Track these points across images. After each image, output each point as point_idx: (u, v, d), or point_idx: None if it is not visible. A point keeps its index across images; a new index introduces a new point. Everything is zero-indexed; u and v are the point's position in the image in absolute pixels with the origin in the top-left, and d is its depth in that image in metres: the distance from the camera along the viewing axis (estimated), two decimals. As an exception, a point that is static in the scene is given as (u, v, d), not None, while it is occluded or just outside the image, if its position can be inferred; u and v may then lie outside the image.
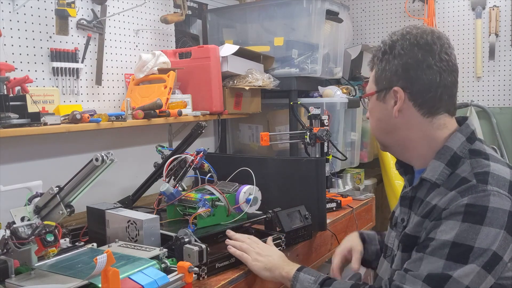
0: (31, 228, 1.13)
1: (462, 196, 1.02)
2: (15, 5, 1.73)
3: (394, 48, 1.13)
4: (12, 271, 1.12)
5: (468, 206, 1.00)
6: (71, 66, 1.91)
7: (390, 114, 1.16)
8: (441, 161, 1.11)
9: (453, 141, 1.13)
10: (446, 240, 1.00)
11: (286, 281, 1.25)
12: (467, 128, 1.15)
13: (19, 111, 1.52)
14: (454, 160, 1.10)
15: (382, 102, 1.17)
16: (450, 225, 1.01)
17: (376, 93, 1.18)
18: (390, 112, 1.16)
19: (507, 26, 3.12)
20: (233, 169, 1.67)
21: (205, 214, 1.45)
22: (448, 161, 1.11)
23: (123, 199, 1.76)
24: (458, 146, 1.12)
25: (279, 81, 2.42)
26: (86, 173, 1.20)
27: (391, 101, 1.15)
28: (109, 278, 0.95)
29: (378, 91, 1.18)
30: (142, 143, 2.28)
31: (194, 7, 2.72)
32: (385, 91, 1.16)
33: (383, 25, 3.50)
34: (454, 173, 1.08)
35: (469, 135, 1.14)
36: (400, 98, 1.13)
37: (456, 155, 1.11)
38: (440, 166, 1.11)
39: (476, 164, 1.07)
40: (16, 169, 1.75)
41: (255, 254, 1.33)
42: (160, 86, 2.07)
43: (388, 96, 1.16)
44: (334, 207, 1.97)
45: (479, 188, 1.02)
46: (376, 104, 1.19)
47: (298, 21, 2.50)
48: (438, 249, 1.01)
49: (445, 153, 1.12)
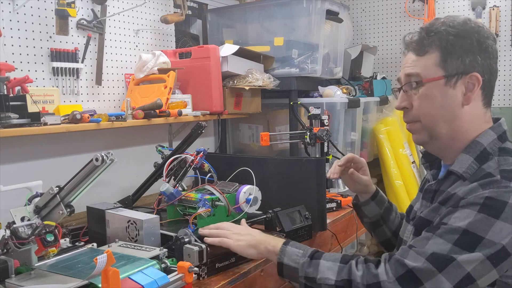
0: (31, 228, 1.13)
1: (483, 188, 1.01)
2: (15, 5, 1.73)
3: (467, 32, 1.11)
4: (12, 271, 1.12)
5: (487, 198, 0.99)
6: (71, 66, 1.91)
7: (458, 101, 1.12)
8: (470, 155, 1.10)
9: (484, 137, 1.12)
10: (458, 226, 1.00)
11: (272, 255, 1.19)
12: (499, 126, 1.14)
13: (19, 111, 1.52)
14: (483, 156, 1.09)
15: (451, 88, 1.12)
16: (465, 213, 1.00)
17: (444, 78, 1.12)
18: (458, 99, 1.12)
19: (507, 26, 3.12)
20: (233, 169, 1.67)
21: (205, 214, 1.45)
22: (477, 155, 1.09)
23: (123, 199, 1.76)
24: (488, 143, 1.11)
25: (279, 81, 2.42)
26: (86, 173, 1.20)
27: (462, 87, 1.11)
28: (109, 278, 0.95)
29: (448, 76, 1.11)
30: (142, 143, 2.28)
31: (194, 7, 2.72)
32: (458, 76, 1.11)
33: (383, 25, 3.51)
34: (480, 168, 1.08)
35: (501, 133, 1.13)
36: (478, 85, 1.10)
37: (485, 151, 1.10)
38: (469, 160, 1.09)
39: (504, 162, 1.07)
40: (16, 169, 1.75)
41: (235, 235, 1.27)
42: (160, 86, 2.07)
43: (460, 82, 1.11)
44: (334, 207, 1.97)
45: (502, 184, 1.01)
46: (442, 89, 1.12)
47: (298, 21, 2.50)
48: (448, 233, 1.00)
49: (474, 148, 1.11)
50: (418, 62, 1.15)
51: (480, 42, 1.11)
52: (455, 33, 1.11)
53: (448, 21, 1.13)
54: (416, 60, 1.15)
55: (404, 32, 3.38)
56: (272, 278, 1.44)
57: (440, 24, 1.13)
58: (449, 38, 1.11)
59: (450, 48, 1.11)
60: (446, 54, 1.11)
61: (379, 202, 1.47)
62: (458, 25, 1.12)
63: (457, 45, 1.10)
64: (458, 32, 1.11)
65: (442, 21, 1.13)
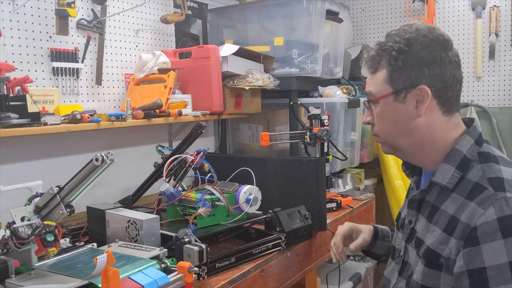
0: (31, 228, 1.13)
1: (484, 207, 0.98)
2: (15, 5, 1.73)
3: (411, 45, 1.08)
4: (12, 271, 1.12)
5: (500, 220, 0.96)
6: (71, 66, 1.91)
7: (411, 114, 1.11)
8: (451, 164, 1.08)
9: (462, 144, 1.10)
10: (501, 263, 0.95)
11: None
12: (475, 130, 1.12)
13: (19, 111, 1.52)
14: (464, 164, 1.08)
15: (401, 103, 1.11)
16: (494, 247, 0.96)
17: (392, 94, 1.11)
18: (411, 113, 1.10)
19: (507, 26, 3.12)
20: (233, 169, 1.67)
21: (205, 214, 1.45)
22: (458, 164, 1.08)
23: (123, 199, 1.76)
24: (467, 149, 1.09)
25: (279, 81, 2.42)
26: (86, 173, 1.20)
27: (413, 100, 1.10)
28: (109, 278, 0.95)
29: (397, 92, 1.11)
30: (142, 143, 2.28)
31: (194, 7, 2.72)
32: (406, 90, 1.10)
33: (383, 25, 3.51)
34: (465, 178, 1.06)
35: (477, 137, 1.11)
36: (427, 97, 1.08)
37: (465, 158, 1.08)
38: (451, 170, 1.08)
39: (487, 168, 1.05)
40: (16, 169, 1.75)
41: None
42: (160, 86, 2.07)
43: (410, 96, 1.10)
44: (334, 207, 1.97)
45: (498, 197, 0.99)
46: (392, 106, 1.12)
47: (298, 21, 2.50)
48: (499, 277, 0.95)
49: (454, 156, 1.09)
50: (371, 80, 1.16)
51: (427, 52, 1.08)
52: (398, 49, 1.09)
53: (398, 34, 1.11)
54: (370, 78, 1.17)
55: (404, 32, 3.38)
56: (272, 278, 1.44)
57: (389, 38, 1.12)
58: (392, 54, 1.10)
59: (394, 64, 1.10)
60: (391, 70, 1.11)
61: (384, 237, 1.45)
62: (403, 39, 1.10)
63: (401, 60, 1.09)
64: (401, 47, 1.09)
65: (392, 34, 1.12)
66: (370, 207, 2.19)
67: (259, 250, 1.42)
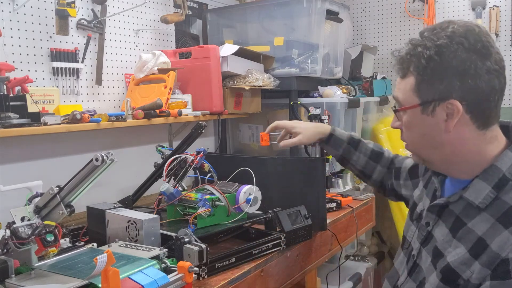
0: (31, 228, 1.13)
1: None
2: (15, 5, 1.73)
3: (442, 54, 0.97)
4: (12, 271, 1.12)
5: None
6: (71, 66, 1.91)
7: (440, 128, 1.01)
8: (487, 183, 1.00)
9: (502, 161, 1.00)
10: None
11: None
12: None
13: (19, 111, 1.52)
14: (501, 183, 0.98)
15: (429, 116, 1.02)
16: None
17: (420, 106, 1.02)
18: (440, 127, 1.01)
19: (507, 26, 3.11)
20: (233, 169, 1.67)
21: (205, 214, 1.45)
22: (495, 183, 0.99)
23: (123, 199, 1.76)
24: (508, 167, 0.99)
25: (279, 81, 2.42)
26: (86, 173, 1.20)
27: (443, 114, 1.00)
28: (109, 278, 0.95)
29: (424, 104, 1.01)
30: (142, 143, 2.28)
31: (194, 7, 2.72)
32: (435, 103, 1.00)
33: (383, 25, 3.50)
34: (500, 199, 0.98)
35: None
36: (457, 112, 0.98)
37: (504, 177, 0.99)
38: (486, 189, 0.99)
39: None
40: (16, 169, 1.75)
41: None
42: (160, 86, 2.07)
43: (439, 109, 1.00)
44: (334, 207, 1.97)
45: None
46: (420, 118, 1.03)
47: (298, 21, 2.50)
48: None
49: (492, 174, 1.00)
50: (400, 85, 1.07)
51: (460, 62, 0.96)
52: (428, 57, 0.99)
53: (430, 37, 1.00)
54: (399, 82, 1.07)
55: (404, 32, 3.39)
56: (272, 278, 1.44)
57: (421, 41, 1.02)
58: (421, 62, 1.00)
59: (423, 74, 1.00)
60: (419, 80, 1.01)
61: (335, 145, 1.55)
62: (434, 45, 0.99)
63: (430, 70, 0.99)
64: (432, 56, 0.98)
65: (425, 36, 1.02)
66: (370, 207, 2.19)
67: (259, 250, 1.41)
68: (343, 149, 1.55)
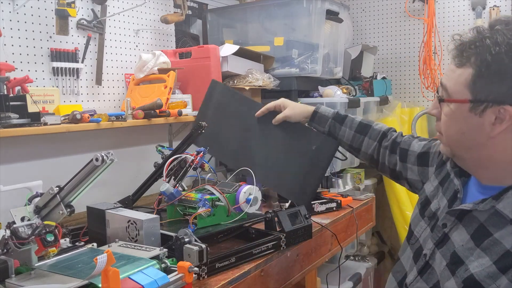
0: (31, 228, 1.13)
1: None
2: (15, 5, 1.73)
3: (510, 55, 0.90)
4: (12, 271, 1.12)
5: None
6: (71, 66, 1.91)
7: (484, 131, 0.96)
8: None
9: None
10: None
11: None
12: None
13: (19, 111, 1.52)
14: None
15: (477, 115, 0.95)
16: None
17: (470, 103, 0.95)
18: (484, 129, 0.95)
19: (507, 26, 3.11)
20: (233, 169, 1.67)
21: (205, 214, 1.45)
22: None
23: (123, 199, 1.76)
24: None
25: (279, 81, 2.42)
26: (86, 173, 1.20)
27: (491, 117, 0.94)
28: (109, 278, 0.95)
29: (476, 101, 0.95)
30: (142, 143, 2.28)
31: (194, 7, 2.72)
32: (487, 104, 0.93)
33: (383, 25, 3.50)
34: None
35: None
36: (509, 118, 0.93)
37: None
38: None
39: None
40: (16, 169, 1.75)
41: None
42: (160, 86, 2.06)
43: (490, 111, 0.94)
44: (334, 207, 1.97)
45: None
46: (465, 114, 0.97)
47: (298, 21, 2.50)
48: None
49: None
50: (452, 74, 0.99)
51: None
52: (495, 53, 0.91)
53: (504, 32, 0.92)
54: (453, 70, 0.99)
55: (404, 32, 3.38)
56: (272, 278, 1.44)
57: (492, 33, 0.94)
58: (486, 57, 0.92)
59: (484, 70, 0.93)
60: (478, 75, 0.94)
61: (319, 122, 1.65)
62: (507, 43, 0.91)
63: (493, 68, 0.92)
64: (500, 53, 0.91)
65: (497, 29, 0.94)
66: (370, 207, 2.19)
67: (259, 250, 1.41)
68: (328, 125, 1.62)
